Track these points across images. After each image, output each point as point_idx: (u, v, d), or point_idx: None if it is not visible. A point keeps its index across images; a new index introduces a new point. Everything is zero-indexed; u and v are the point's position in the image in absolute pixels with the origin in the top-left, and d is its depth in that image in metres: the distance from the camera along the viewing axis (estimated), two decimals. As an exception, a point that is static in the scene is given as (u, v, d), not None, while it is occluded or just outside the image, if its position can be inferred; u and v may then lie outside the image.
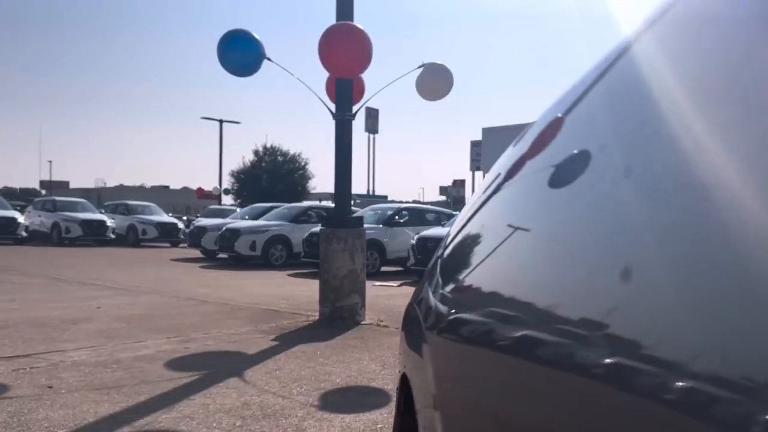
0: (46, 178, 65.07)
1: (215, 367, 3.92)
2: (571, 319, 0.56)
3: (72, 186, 69.00)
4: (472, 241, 1.10)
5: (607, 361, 0.46)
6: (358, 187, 48.23)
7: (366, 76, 6.37)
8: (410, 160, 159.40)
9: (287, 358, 4.24)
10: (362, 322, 5.79)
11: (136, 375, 3.67)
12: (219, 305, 6.94)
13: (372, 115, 37.43)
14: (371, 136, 43.77)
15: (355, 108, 6.28)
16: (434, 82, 6.31)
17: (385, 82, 6.78)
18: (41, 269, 11.06)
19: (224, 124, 36.07)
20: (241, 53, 5.65)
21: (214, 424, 2.81)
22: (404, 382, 1.21)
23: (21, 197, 53.27)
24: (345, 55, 5.50)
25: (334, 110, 6.11)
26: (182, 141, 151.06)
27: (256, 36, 5.86)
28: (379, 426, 2.84)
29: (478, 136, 39.46)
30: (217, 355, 4.34)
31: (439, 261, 1.20)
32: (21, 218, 18.93)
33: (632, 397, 0.41)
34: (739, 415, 0.27)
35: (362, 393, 3.44)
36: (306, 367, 3.99)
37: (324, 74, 6.26)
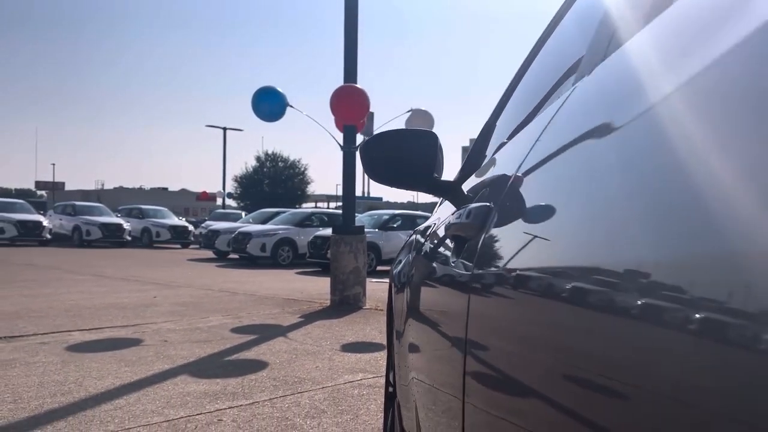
0: (42, 178, 65.36)
1: (265, 332, 5.74)
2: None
3: (68, 188, 67.05)
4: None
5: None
6: (353, 190, 49.76)
7: (365, 85, 8.25)
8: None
9: (313, 328, 6.07)
10: (364, 307, 7.61)
11: (216, 335, 5.49)
12: (247, 296, 8.73)
13: (367, 118, 39.17)
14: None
15: (358, 137, 8.16)
16: (419, 125, 8.20)
17: (384, 83, 8.69)
18: (82, 268, 12.79)
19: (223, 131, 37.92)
20: (269, 105, 7.50)
21: (279, 356, 4.64)
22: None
23: (17, 198, 52.96)
24: (349, 109, 7.38)
25: (342, 143, 7.96)
26: (181, 145, 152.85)
27: (281, 90, 7.72)
28: (378, 359, 4.66)
29: (472, 139, 41.34)
30: (264, 326, 6.15)
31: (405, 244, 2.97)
32: (46, 222, 20.67)
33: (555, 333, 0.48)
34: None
35: (367, 344, 5.27)
36: (327, 332, 5.82)
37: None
